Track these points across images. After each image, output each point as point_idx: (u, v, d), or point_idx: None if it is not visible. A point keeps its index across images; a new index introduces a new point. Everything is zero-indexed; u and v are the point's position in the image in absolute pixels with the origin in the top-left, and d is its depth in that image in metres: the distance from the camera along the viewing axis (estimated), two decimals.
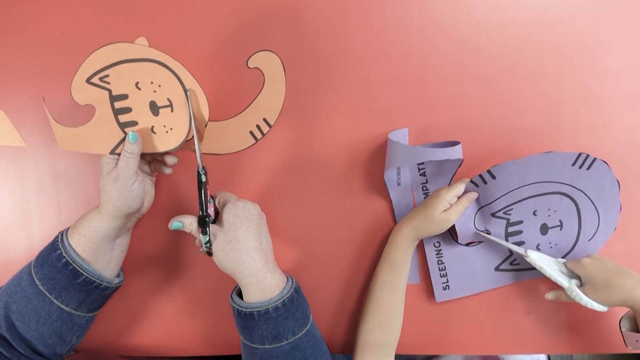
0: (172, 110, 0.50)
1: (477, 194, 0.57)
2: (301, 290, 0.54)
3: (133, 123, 0.50)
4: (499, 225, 0.59)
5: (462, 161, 0.57)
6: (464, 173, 0.59)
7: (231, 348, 0.63)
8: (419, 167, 0.60)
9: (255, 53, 0.59)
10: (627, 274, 0.52)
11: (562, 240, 0.59)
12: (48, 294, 0.48)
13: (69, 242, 0.49)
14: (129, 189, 0.49)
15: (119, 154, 0.49)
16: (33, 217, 0.62)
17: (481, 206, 0.58)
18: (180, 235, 0.61)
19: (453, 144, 0.57)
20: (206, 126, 0.53)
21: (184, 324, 0.62)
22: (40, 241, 0.62)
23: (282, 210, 0.61)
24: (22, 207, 0.62)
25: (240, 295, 0.52)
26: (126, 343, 0.63)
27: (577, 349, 0.62)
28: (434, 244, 0.61)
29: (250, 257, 0.49)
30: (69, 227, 0.51)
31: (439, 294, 0.61)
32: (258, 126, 0.60)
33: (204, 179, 0.50)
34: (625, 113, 0.59)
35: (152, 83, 0.49)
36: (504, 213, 0.58)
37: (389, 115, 0.60)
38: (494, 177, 0.55)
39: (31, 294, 0.48)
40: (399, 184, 0.60)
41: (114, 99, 0.50)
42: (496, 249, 0.60)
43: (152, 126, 0.51)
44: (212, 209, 0.53)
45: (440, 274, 0.61)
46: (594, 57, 0.59)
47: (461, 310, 0.62)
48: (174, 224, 0.51)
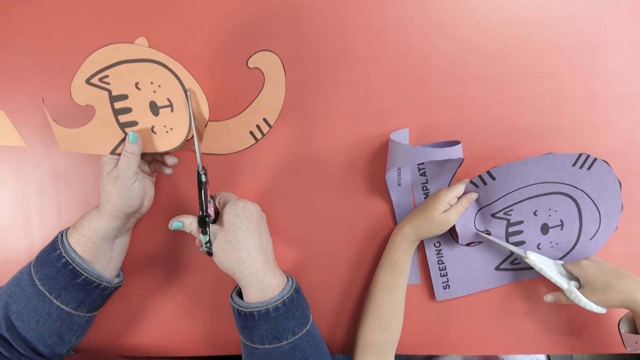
0: (172, 110, 0.50)
1: (477, 195, 0.57)
2: (301, 290, 0.53)
3: (133, 123, 0.50)
4: (499, 225, 0.59)
5: (463, 161, 0.57)
6: (464, 173, 0.59)
7: (231, 348, 0.63)
8: (419, 167, 0.60)
9: (255, 53, 0.59)
10: (626, 275, 0.52)
11: (562, 239, 0.59)
12: (48, 294, 0.48)
13: (68, 242, 0.50)
14: (129, 188, 0.49)
15: (119, 154, 0.49)
16: (33, 217, 0.62)
17: (481, 207, 0.58)
18: (180, 235, 0.61)
19: (453, 143, 0.57)
20: (206, 126, 0.53)
21: (184, 324, 0.62)
22: (40, 241, 0.62)
23: (282, 210, 0.61)
24: (22, 207, 0.62)
25: (240, 295, 0.52)
26: (126, 343, 0.63)
27: (577, 349, 0.62)
28: (434, 244, 0.61)
29: (251, 257, 0.49)
30: (69, 227, 0.51)
31: (439, 293, 0.61)
32: (258, 126, 0.60)
33: (204, 179, 0.50)
34: (625, 113, 0.59)
35: (152, 83, 0.49)
36: (504, 214, 0.58)
37: (389, 116, 0.60)
38: (493, 178, 0.55)
39: (31, 293, 0.48)
40: (399, 184, 0.60)
41: (113, 99, 0.50)
42: (497, 248, 0.60)
43: (152, 126, 0.51)
44: (212, 209, 0.53)
45: (440, 273, 0.61)
46: (594, 57, 0.59)
47: (461, 310, 0.62)
48: (174, 224, 0.51)
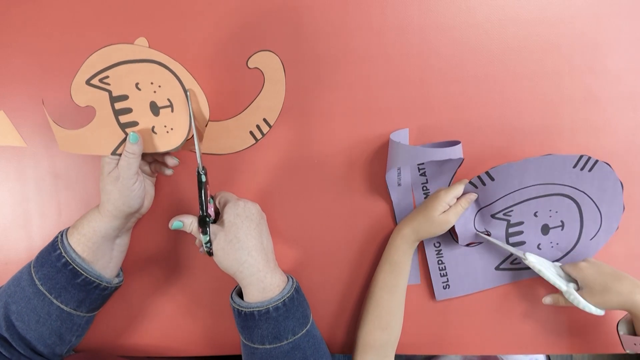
0: (172, 111, 0.50)
1: (476, 195, 0.57)
2: (301, 290, 0.53)
3: (134, 123, 0.50)
4: (499, 226, 0.59)
5: (463, 161, 0.57)
6: (464, 173, 0.59)
7: (231, 348, 0.63)
8: (419, 168, 0.60)
9: (255, 53, 0.59)
10: (624, 277, 0.52)
11: (563, 239, 0.59)
12: (48, 294, 0.48)
13: (68, 242, 0.49)
14: (129, 188, 0.49)
15: (120, 155, 0.49)
16: (33, 217, 0.62)
17: (481, 207, 0.58)
18: (180, 235, 0.61)
19: (453, 143, 0.57)
20: (206, 126, 0.53)
21: (184, 324, 0.62)
22: (40, 241, 0.62)
23: (282, 210, 0.61)
24: (22, 207, 0.62)
25: (240, 295, 0.52)
26: (126, 343, 0.63)
27: (577, 349, 0.62)
28: (434, 244, 0.61)
29: (251, 256, 0.49)
30: (69, 227, 0.51)
31: (439, 293, 0.61)
32: (258, 126, 0.60)
33: (204, 179, 0.50)
34: (625, 113, 0.59)
35: (152, 83, 0.49)
36: (504, 214, 0.58)
37: (389, 116, 0.60)
38: (492, 178, 0.55)
39: (31, 293, 0.48)
40: (399, 184, 0.60)
41: (114, 99, 0.50)
42: (496, 248, 0.60)
43: (153, 126, 0.51)
44: (212, 209, 0.53)
45: (440, 273, 0.61)
46: (594, 57, 0.59)
47: (461, 310, 0.62)
48: (175, 223, 0.51)
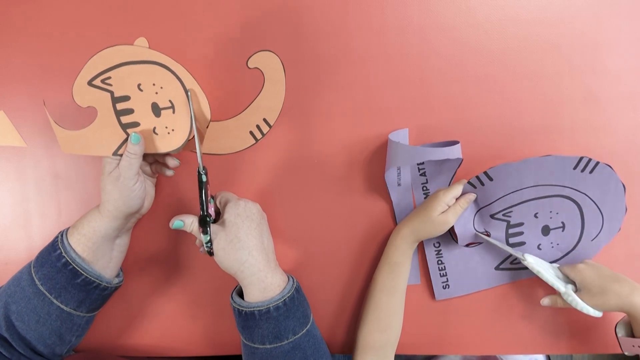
0: (173, 112, 0.50)
1: (475, 195, 0.57)
2: (302, 289, 0.53)
3: (135, 124, 0.50)
4: (499, 226, 0.59)
5: (462, 161, 0.57)
6: (464, 173, 0.59)
7: (231, 348, 0.63)
8: (419, 167, 0.60)
9: (255, 53, 0.59)
10: (622, 279, 0.52)
11: (564, 240, 0.59)
12: (48, 294, 0.48)
13: (68, 242, 0.49)
14: (130, 189, 0.49)
15: (121, 155, 0.49)
16: (33, 217, 0.62)
17: (480, 208, 0.58)
18: (180, 235, 0.61)
19: (452, 143, 0.57)
20: (208, 127, 0.53)
21: (184, 324, 0.62)
22: (40, 241, 0.62)
23: (282, 210, 0.61)
24: (22, 207, 0.62)
25: (240, 295, 0.52)
26: (126, 343, 0.63)
27: (576, 349, 0.62)
28: (433, 244, 0.61)
29: (252, 256, 0.49)
30: (69, 227, 0.51)
31: (439, 293, 0.61)
32: (258, 126, 0.60)
33: (204, 178, 0.50)
34: (625, 113, 0.59)
35: (154, 85, 0.49)
36: (504, 215, 0.58)
37: (389, 116, 0.60)
38: (491, 178, 0.55)
39: (31, 293, 0.48)
40: (399, 184, 0.60)
41: (115, 100, 0.50)
42: (496, 248, 0.60)
43: (154, 127, 0.51)
44: (213, 208, 0.53)
45: (440, 273, 0.61)
46: (594, 57, 0.59)
47: (461, 310, 0.62)
48: (175, 222, 0.51)
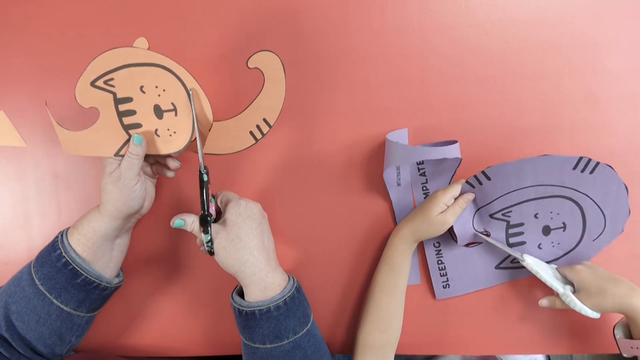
0: (176, 114, 0.50)
1: (473, 195, 0.57)
2: (302, 289, 0.53)
3: (137, 125, 0.50)
4: (498, 226, 0.59)
5: (461, 160, 0.57)
6: (465, 174, 0.59)
7: (231, 348, 0.63)
8: (418, 167, 0.60)
9: (255, 53, 0.59)
10: (620, 281, 0.52)
11: (565, 239, 0.58)
12: (48, 294, 0.48)
13: (68, 242, 0.49)
14: (130, 189, 0.49)
15: (123, 156, 0.49)
16: (33, 217, 0.62)
17: (479, 207, 0.58)
18: (180, 235, 0.61)
19: (451, 143, 0.57)
20: (210, 130, 0.53)
21: (184, 324, 0.62)
22: (40, 241, 0.62)
23: (282, 210, 0.61)
24: (22, 207, 0.62)
25: (240, 294, 0.52)
26: (126, 343, 0.63)
27: (576, 349, 0.62)
28: (433, 244, 0.61)
29: (253, 256, 0.49)
30: (69, 227, 0.51)
31: (439, 292, 0.61)
32: (258, 126, 0.60)
33: (205, 178, 0.50)
34: (625, 113, 0.59)
35: (156, 87, 0.49)
36: (503, 215, 0.58)
37: (389, 116, 0.60)
38: (489, 178, 0.55)
39: (31, 293, 0.48)
40: (399, 184, 0.60)
41: (118, 101, 0.50)
42: (496, 248, 0.60)
43: (156, 129, 0.51)
44: (214, 208, 0.53)
45: (440, 273, 0.61)
46: (594, 57, 0.59)
47: (461, 310, 0.62)
48: (176, 221, 0.51)
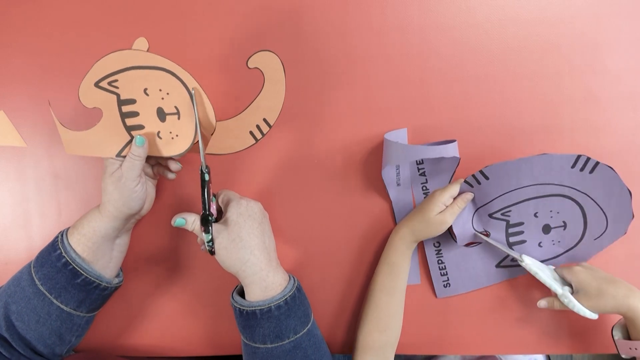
0: (178, 118, 0.50)
1: (472, 195, 0.56)
2: (302, 289, 0.53)
3: (140, 127, 0.50)
4: (498, 226, 0.59)
5: (460, 160, 0.57)
6: (465, 173, 0.59)
7: (231, 348, 0.63)
8: (418, 167, 0.60)
9: (255, 53, 0.59)
10: (619, 282, 0.53)
11: (565, 238, 0.58)
12: (48, 294, 0.48)
13: (68, 242, 0.49)
14: (131, 190, 0.50)
15: (124, 157, 0.50)
16: (33, 217, 0.62)
17: (478, 207, 0.58)
18: (179, 235, 0.61)
19: (450, 142, 0.57)
20: (212, 134, 0.53)
21: (184, 324, 0.62)
22: (40, 241, 0.62)
23: (282, 210, 0.61)
24: (22, 207, 0.62)
25: (240, 294, 0.52)
26: (126, 343, 0.63)
27: (576, 349, 0.62)
28: (433, 244, 0.61)
29: (254, 255, 0.49)
30: (69, 227, 0.51)
31: (440, 292, 0.61)
32: (258, 126, 0.60)
33: (207, 177, 0.50)
34: (625, 113, 0.59)
35: (160, 90, 0.49)
36: (502, 214, 0.58)
37: (389, 115, 0.60)
38: (487, 177, 0.55)
39: (31, 293, 0.48)
40: (398, 184, 0.60)
41: (121, 102, 0.50)
42: (496, 247, 0.60)
43: (158, 131, 0.51)
44: (215, 206, 0.53)
45: (440, 273, 0.61)
46: (594, 57, 0.59)
47: (461, 310, 0.62)
48: (177, 220, 0.51)
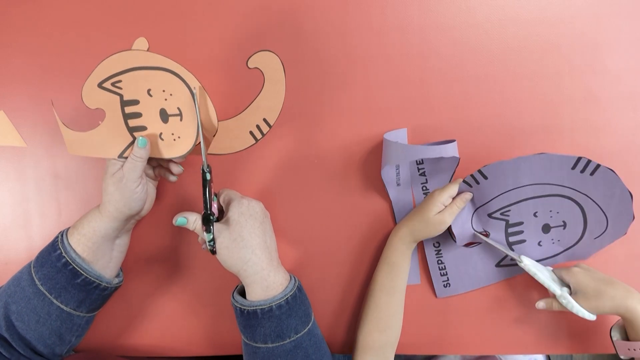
0: (181, 119, 0.50)
1: (471, 195, 0.56)
2: (303, 288, 0.53)
3: (142, 128, 0.50)
4: (497, 226, 0.59)
5: (459, 159, 0.57)
6: (465, 173, 0.59)
7: (231, 348, 0.63)
8: (418, 167, 0.60)
9: (255, 53, 0.59)
10: (617, 283, 0.53)
11: (565, 237, 0.58)
12: (48, 294, 0.48)
13: (68, 242, 0.49)
14: (132, 191, 0.50)
15: (126, 158, 0.50)
16: (33, 217, 0.62)
17: (477, 207, 0.58)
18: (179, 234, 0.61)
19: (450, 142, 0.57)
20: (214, 135, 0.53)
21: (184, 323, 0.62)
22: (40, 241, 0.62)
23: (282, 210, 0.61)
24: (22, 207, 0.62)
25: (241, 294, 0.52)
26: (126, 343, 0.63)
27: (576, 349, 0.62)
28: (433, 244, 0.61)
29: (255, 255, 0.49)
30: (69, 227, 0.51)
31: (440, 291, 0.61)
32: (258, 126, 0.60)
33: (208, 177, 0.50)
34: (625, 113, 0.59)
35: (164, 91, 0.50)
36: (501, 214, 0.58)
37: (389, 115, 0.60)
38: (485, 177, 0.55)
39: (31, 293, 0.48)
40: (398, 184, 0.60)
41: (124, 103, 0.50)
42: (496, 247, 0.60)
43: (160, 133, 0.51)
44: (216, 206, 0.53)
45: (440, 272, 0.61)
46: (594, 57, 0.59)
47: (461, 310, 0.62)
48: (179, 219, 0.51)
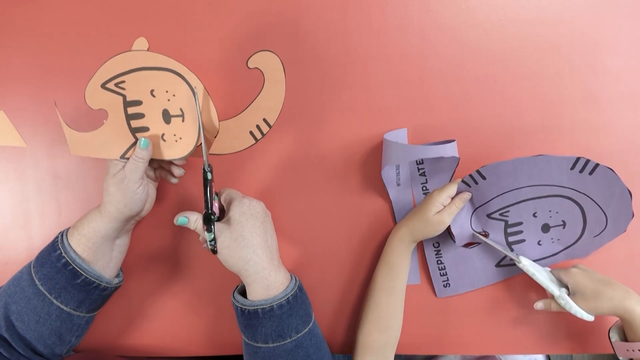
0: (183, 120, 0.50)
1: (470, 195, 0.56)
2: (304, 288, 0.53)
3: (144, 129, 0.51)
4: (497, 226, 0.59)
5: (459, 159, 0.57)
6: (465, 173, 0.59)
7: (232, 348, 0.63)
8: (418, 167, 0.60)
9: (255, 53, 0.59)
10: (615, 284, 0.53)
11: (564, 235, 0.58)
12: (48, 294, 0.48)
13: (68, 243, 0.49)
14: (133, 192, 0.50)
15: (128, 158, 0.50)
16: (33, 217, 0.62)
17: (476, 207, 0.58)
18: (180, 234, 0.61)
19: (449, 142, 0.57)
20: (215, 137, 0.53)
21: (185, 323, 0.62)
22: (40, 241, 0.62)
23: (282, 210, 0.61)
24: (22, 207, 0.62)
25: (241, 294, 0.52)
26: (126, 343, 0.63)
27: (576, 349, 0.62)
28: (433, 244, 0.61)
29: (256, 254, 0.49)
30: (69, 228, 0.51)
31: (440, 291, 0.61)
32: (258, 126, 0.60)
33: (209, 176, 0.50)
34: (625, 113, 0.59)
35: (167, 92, 0.50)
36: (501, 215, 0.58)
37: (389, 115, 0.60)
38: (484, 177, 0.55)
39: (31, 294, 0.48)
40: (398, 184, 0.60)
41: (127, 104, 0.50)
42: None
43: (163, 134, 0.51)
44: (217, 205, 0.53)
45: (440, 273, 0.61)
46: (594, 57, 0.59)
47: (461, 310, 0.62)
48: (180, 219, 0.51)
